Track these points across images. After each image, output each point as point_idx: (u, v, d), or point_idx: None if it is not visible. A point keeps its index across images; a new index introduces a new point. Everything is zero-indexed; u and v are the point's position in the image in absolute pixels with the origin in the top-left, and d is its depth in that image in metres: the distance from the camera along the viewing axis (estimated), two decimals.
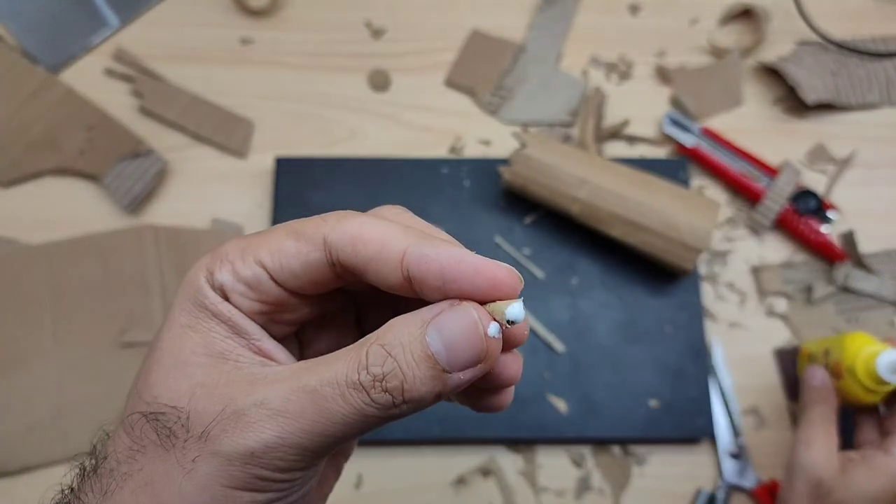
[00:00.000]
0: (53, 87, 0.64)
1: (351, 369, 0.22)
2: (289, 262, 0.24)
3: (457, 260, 0.22)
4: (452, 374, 0.22)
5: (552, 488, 0.55)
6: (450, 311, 0.22)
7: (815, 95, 0.63)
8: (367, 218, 0.24)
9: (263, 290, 0.24)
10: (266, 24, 0.68)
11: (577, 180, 0.56)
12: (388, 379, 0.22)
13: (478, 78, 0.66)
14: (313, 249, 0.24)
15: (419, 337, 0.22)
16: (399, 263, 0.23)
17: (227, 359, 0.24)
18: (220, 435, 0.22)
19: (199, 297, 0.24)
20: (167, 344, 0.24)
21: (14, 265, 0.59)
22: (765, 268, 0.60)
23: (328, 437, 0.22)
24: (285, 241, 0.24)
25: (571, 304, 0.58)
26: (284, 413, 0.22)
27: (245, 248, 0.25)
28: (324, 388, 0.22)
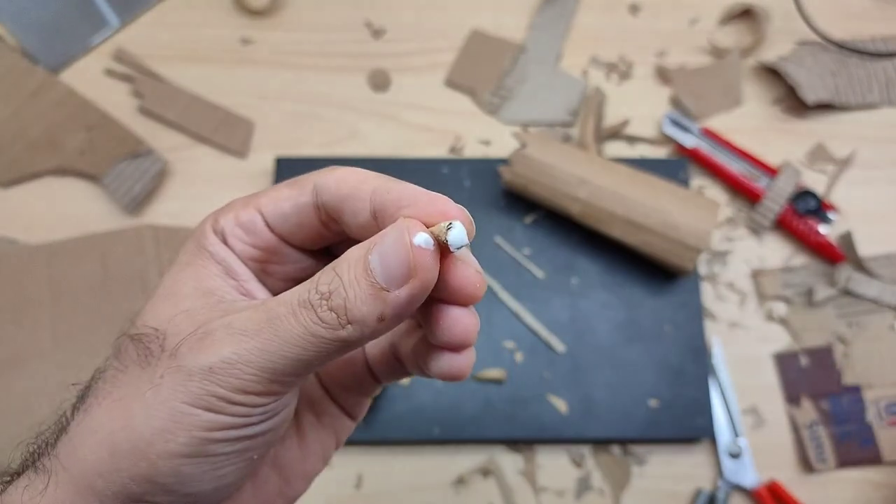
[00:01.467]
0: (53, 87, 0.64)
1: (303, 289, 0.23)
2: (281, 206, 0.26)
3: (411, 192, 0.23)
4: (391, 293, 0.22)
5: (552, 488, 0.55)
6: (388, 228, 0.23)
7: (815, 95, 0.63)
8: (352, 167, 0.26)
9: (257, 233, 0.26)
10: (266, 24, 0.68)
11: (577, 180, 0.56)
12: (333, 297, 0.22)
13: (478, 78, 0.66)
14: (303, 193, 0.26)
15: (363, 256, 0.23)
16: (368, 199, 0.24)
17: (213, 294, 0.25)
18: (187, 352, 0.23)
19: (201, 239, 0.27)
20: (167, 279, 0.26)
21: (14, 265, 0.59)
22: (764, 272, 0.60)
23: (284, 358, 0.22)
24: (283, 189, 0.26)
25: (571, 304, 0.58)
26: (243, 332, 0.23)
27: (250, 197, 0.27)
28: (279, 307, 0.23)
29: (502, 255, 0.59)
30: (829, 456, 0.55)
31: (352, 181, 0.25)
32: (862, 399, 0.56)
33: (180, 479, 0.23)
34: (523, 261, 0.59)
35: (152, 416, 0.22)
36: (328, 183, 0.25)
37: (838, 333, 0.58)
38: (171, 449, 0.22)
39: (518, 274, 0.59)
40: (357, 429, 0.55)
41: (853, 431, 0.56)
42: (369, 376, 0.30)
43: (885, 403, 0.56)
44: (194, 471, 0.23)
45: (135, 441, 0.22)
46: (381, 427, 0.55)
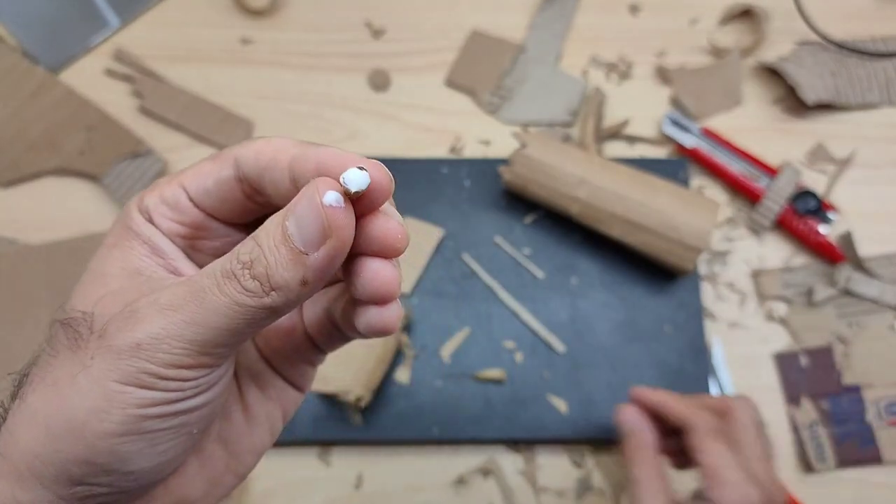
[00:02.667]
0: (53, 87, 0.64)
1: (225, 261, 0.23)
2: (204, 181, 0.26)
3: (327, 156, 0.23)
4: (310, 256, 0.22)
5: (552, 488, 0.55)
6: (300, 192, 0.23)
7: (815, 95, 0.63)
8: (272, 136, 0.26)
9: (182, 209, 0.26)
10: (266, 24, 0.68)
11: (577, 180, 0.56)
12: (254, 265, 0.22)
13: (478, 78, 0.66)
14: (225, 167, 0.25)
15: (280, 223, 0.23)
16: (287, 168, 0.24)
17: (141, 274, 0.26)
18: (115, 332, 0.23)
19: (126, 219, 0.26)
20: (94, 263, 0.26)
21: (14, 265, 0.59)
22: (764, 272, 0.60)
23: (212, 330, 0.23)
24: (205, 163, 0.26)
25: (571, 304, 0.58)
26: (169, 306, 0.23)
27: (174, 175, 0.27)
28: (203, 279, 0.23)
29: (502, 255, 0.59)
30: (829, 456, 0.55)
31: (270, 151, 0.25)
32: (862, 399, 0.56)
33: (119, 458, 0.23)
34: (523, 261, 0.59)
35: (85, 396, 0.22)
36: (247, 155, 0.25)
37: (838, 333, 0.58)
38: (107, 428, 0.22)
39: (518, 274, 0.59)
40: (357, 429, 0.55)
41: (853, 431, 0.56)
42: (310, 344, 0.30)
43: (885, 403, 0.56)
44: (132, 448, 0.23)
45: (70, 423, 0.22)
46: (381, 427, 0.55)
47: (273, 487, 0.55)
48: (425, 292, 0.58)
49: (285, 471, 0.56)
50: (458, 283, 0.59)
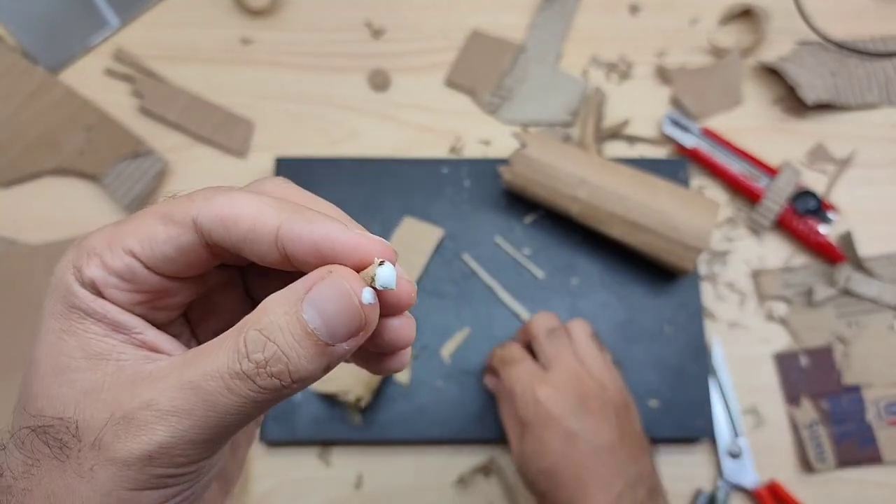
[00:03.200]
0: (53, 87, 0.64)
1: (231, 360, 0.21)
2: (161, 248, 0.23)
3: (330, 238, 0.22)
4: (336, 346, 0.22)
5: None
6: (322, 283, 0.22)
7: (815, 95, 0.63)
8: (236, 194, 0.23)
9: (138, 280, 0.23)
10: (266, 24, 0.68)
11: (577, 180, 0.56)
12: (271, 363, 0.21)
13: (478, 78, 0.66)
14: (184, 232, 0.23)
15: (296, 314, 0.21)
16: (273, 241, 0.22)
17: (107, 359, 0.23)
18: (114, 441, 0.21)
19: (69, 298, 0.23)
20: (44, 352, 0.23)
21: (14, 265, 0.59)
22: (764, 272, 0.60)
23: (222, 428, 0.22)
24: (154, 225, 0.23)
25: (571, 304, 0.58)
26: (173, 412, 0.21)
27: (111, 237, 0.23)
28: (208, 382, 0.21)
29: (502, 255, 0.59)
30: (829, 456, 0.55)
31: (246, 222, 0.22)
32: (862, 399, 0.56)
33: None
34: (523, 261, 0.59)
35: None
36: (213, 223, 0.23)
37: (838, 333, 0.58)
38: None
39: (518, 274, 0.59)
40: (357, 429, 0.55)
41: (853, 431, 0.56)
42: None
43: (885, 403, 0.56)
44: None
45: None
46: (381, 427, 0.55)
47: (273, 487, 0.55)
48: (425, 292, 0.58)
49: (285, 471, 0.56)
50: (458, 283, 0.59)
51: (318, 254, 0.22)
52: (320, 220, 0.22)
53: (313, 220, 0.22)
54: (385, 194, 0.61)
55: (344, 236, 0.22)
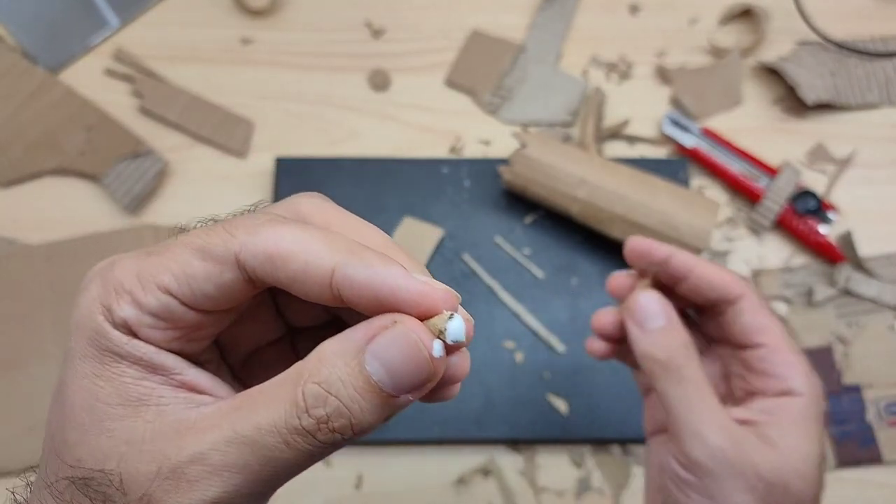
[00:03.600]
0: (53, 87, 0.64)
1: (290, 414, 0.20)
2: (199, 286, 0.21)
3: (391, 286, 0.21)
4: (400, 396, 0.21)
5: (552, 488, 0.55)
6: (387, 334, 0.21)
7: (815, 95, 0.63)
8: (282, 229, 0.21)
9: (175, 317, 0.22)
10: (266, 24, 0.68)
11: (577, 180, 0.56)
12: (333, 419, 0.20)
13: (478, 78, 0.66)
14: (226, 269, 0.21)
15: (358, 366, 0.20)
16: (327, 285, 0.21)
17: (146, 404, 0.22)
18: (164, 497, 0.21)
19: (100, 340, 0.22)
20: (78, 398, 0.22)
21: (14, 265, 0.59)
22: (764, 272, 0.60)
23: (276, 480, 0.21)
24: (191, 261, 0.21)
25: (571, 304, 0.58)
26: (226, 467, 0.20)
27: (142, 272, 0.22)
28: (264, 437, 0.20)
29: (502, 255, 0.59)
30: (829, 456, 0.55)
31: (296, 262, 0.21)
32: (862, 399, 0.56)
33: None
34: (523, 261, 0.59)
35: None
36: (258, 261, 0.21)
37: (838, 333, 0.58)
38: None
39: (518, 274, 0.59)
40: None
41: (853, 431, 0.56)
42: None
43: (885, 403, 0.56)
44: None
45: None
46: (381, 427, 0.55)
47: None
48: None
49: None
50: (458, 283, 0.59)
51: (378, 301, 0.21)
52: (379, 265, 0.21)
53: (372, 264, 0.21)
54: (385, 194, 0.61)
55: (407, 284, 0.21)
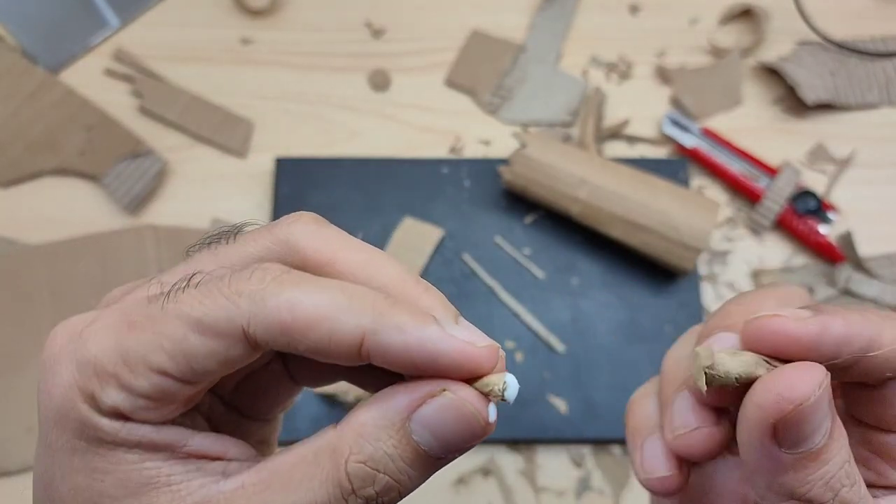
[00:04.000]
0: (53, 87, 0.64)
1: (334, 496, 0.19)
2: (200, 364, 0.19)
3: (431, 351, 0.19)
4: (449, 456, 0.20)
5: (552, 488, 0.55)
6: (437, 403, 0.19)
7: (815, 95, 0.63)
8: (296, 293, 0.18)
9: (173, 395, 0.19)
10: (266, 24, 0.68)
11: (577, 180, 0.56)
12: (382, 495, 0.19)
13: (478, 78, 0.66)
14: (232, 345, 0.19)
15: (405, 438, 0.19)
16: (355, 352, 0.19)
17: (156, 487, 0.19)
18: None
19: (89, 432, 0.19)
20: (79, 497, 0.19)
21: (14, 265, 0.59)
22: (764, 272, 0.60)
23: None
24: (188, 337, 0.19)
25: (571, 304, 0.58)
26: None
27: (126, 352, 0.19)
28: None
29: (502, 255, 0.59)
30: None
31: (317, 331, 0.18)
32: None
33: None
34: (523, 261, 0.59)
35: None
36: (272, 333, 0.18)
37: None
38: None
39: (518, 274, 0.59)
40: None
41: None
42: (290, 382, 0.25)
43: None
44: None
45: None
46: None
47: None
48: None
49: None
50: (458, 284, 0.59)
51: (417, 367, 0.19)
52: (413, 326, 0.19)
53: (405, 325, 0.19)
54: (385, 194, 0.61)
55: (448, 348, 0.19)
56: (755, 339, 0.21)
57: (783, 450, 0.20)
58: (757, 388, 0.20)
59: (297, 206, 0.60)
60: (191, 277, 0.20)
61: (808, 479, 0.20)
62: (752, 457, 0.20)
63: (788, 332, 0.21)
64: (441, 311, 0.20)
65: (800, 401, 0.19)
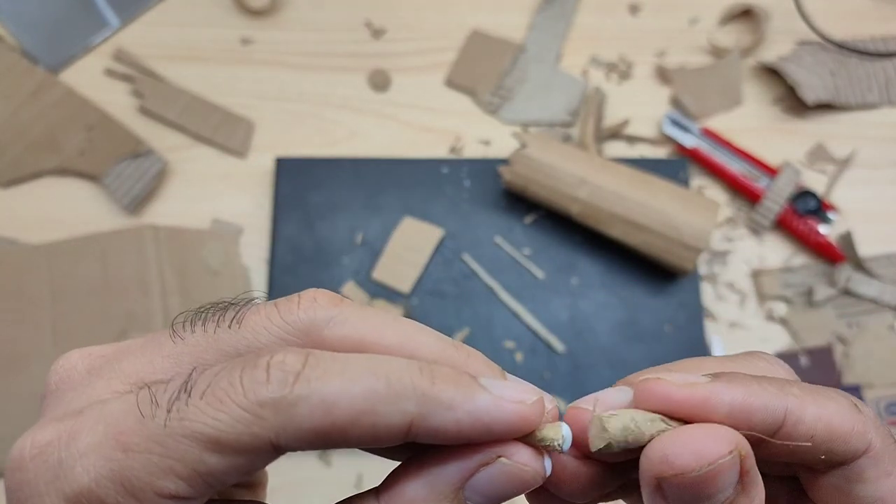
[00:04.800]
0: (53, 87, 0.64)
1: None
2: (220, 480, 0.17)
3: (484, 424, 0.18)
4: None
5: None
6: (493, 471, 0.18)
7: (815, 95, 0.63)
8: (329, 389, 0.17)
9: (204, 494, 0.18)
10: (266, 24, 0.68)
11: (577, 180, 0.56)
12: None
13: (478, 78, 0.66)
14: (257, 458, 0.17)
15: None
16: (402, 437, 0.18)
17: None
18: None
19: None
20: None
21: (14, 265, 0.59)
22: (764, 272, 0.60)
23: None
24: (203, 458, 0.16)
25: (571, 304, 0.58)
26: None
27: (128, 481, 0.16)
28: None
29: (502, 255, 0.59)
30: None
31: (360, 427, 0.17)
32: (862, 399, 0.56)
33: None
34: (523, 261, 0.59)
35: None
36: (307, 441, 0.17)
37: (838, 333, 0.58)
38: None
39: (518, 274, 0.59)
40: None
41: None
42: None
43: (886, 403, 0.56)
44: None
45: None
46: None
47: (273, 487, 0.55)
48: (425, 292, 0.58)
49: (285, 471, 0.56)
50: (458, 284, 0.59)
51: (469, 440, 0.18)
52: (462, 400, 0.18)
53: (453, 403, 0.17)
54: (385, 194, 0.61)
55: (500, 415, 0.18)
56: (642, 402, 0.21)
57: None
58: (653, 444, 0.19)
59: (296, 205, 0.60)
60: (189, 381, 0.17)
61: None
62: (646, 500, 0.20)
63: (670, 398, 0.20)
64: (487, 371, 0.20)
65: (682, 470, 0.18)
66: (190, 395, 0.17)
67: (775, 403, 0.20)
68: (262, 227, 0.61)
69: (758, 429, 0.19)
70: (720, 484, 0.18)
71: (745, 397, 0.19)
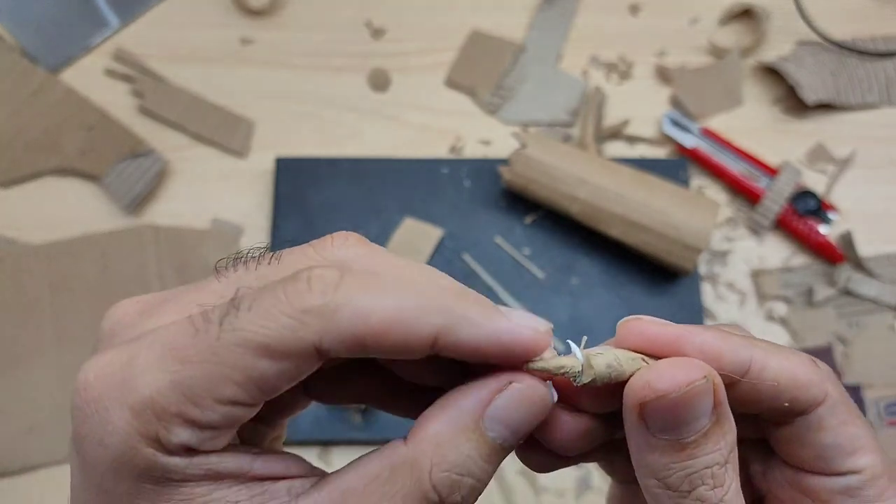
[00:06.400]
0: (53, 87, 0.64)
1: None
2: (271, 385, 0.19)
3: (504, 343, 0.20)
4: (518, 442, 0.21)
5: (552, 488, 0.55)
6: (507, 396, 0.20)
7: (815, 95, 0.63)
8: (366, 299, 0.18)
9: (242, 419, 0.19)
10: (266, 24, 0.68)
11: (577, 180, 0.56)
12: (468, 497, 0.20)
13: (478, 78, 0.66)
14: (303, 363, 0.19)
15: (481, 437, 0.20)
16: (428, 348, 0.19)
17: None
18: None
19: (155, 474, 0.18)
20: None
21: (14, 265, 0.59)
22: (764, 272, 0.60)
23: None
24: (255, 364, 0.18)
25: (571, 304, 0.58)
26: None
27: (188, 388, 0.18)
28: None
29: (502, 255, 0.59)
30: None
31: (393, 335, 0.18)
32: (862, 399, 0.56)
33: None
34: (523, 261, 0.59)
35: None
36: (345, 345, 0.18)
37: (838, 333, 0.58)
38: None
39: (518, 274, 0.59)
40: (357, 429, 0.55)
41: None
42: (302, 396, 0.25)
43: (885, 403, 0.56)
44: None
45: None
46: (381, 427, 0.55)
47: None
48: None
49: None
50: None
51: (487, 356, 0.20)
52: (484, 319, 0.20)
53: (477, 320, 0.20)
54: (385, 194, 0.61)
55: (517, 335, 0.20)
56: (622, 340, 0.25)
57: (651, 432, 0.21)
58: (635, 375, 0.22)
59: (297, 205, 0.60)
60: (236, 298, 0.19)
61: (670, 466, 0.21)
62: (629, 435, 0.22)
63: (645, 333, 0.25)
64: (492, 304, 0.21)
65: (663, 392, 0.20)
66: (238, 309, 0.18)
67: (742, 351, 0.23)
68: (262, 227, 0.61)
69: (727, 370, 0.22)
70: (696, 409, 0.21)
71: (715, 340, 0.23)
